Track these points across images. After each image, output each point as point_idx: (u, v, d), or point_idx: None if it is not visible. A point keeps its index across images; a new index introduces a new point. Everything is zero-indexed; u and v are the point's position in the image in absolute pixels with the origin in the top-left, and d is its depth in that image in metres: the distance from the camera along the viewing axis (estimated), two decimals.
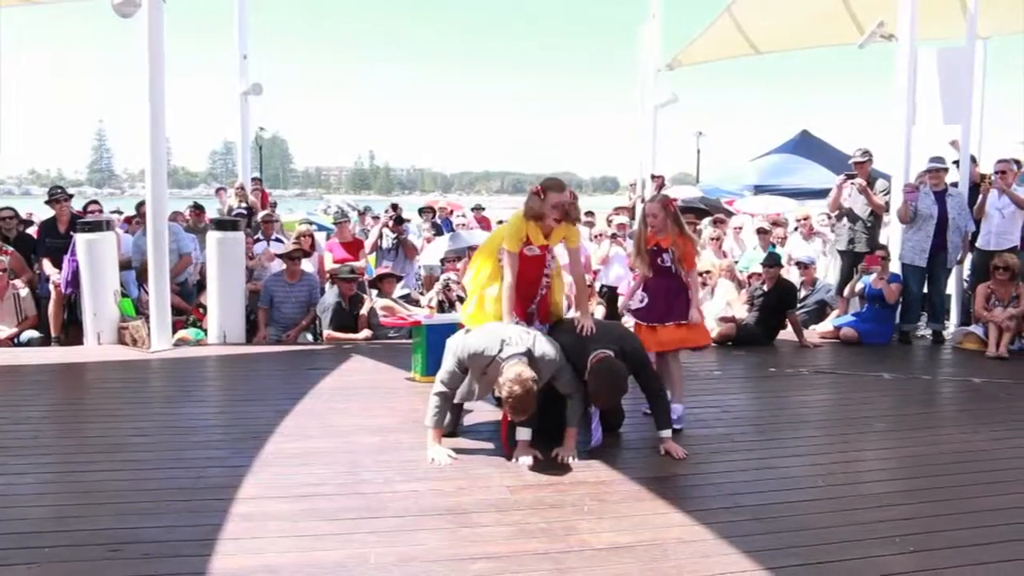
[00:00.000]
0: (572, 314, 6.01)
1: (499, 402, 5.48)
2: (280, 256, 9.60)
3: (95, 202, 10.19)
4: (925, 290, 9.35)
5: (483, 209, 18.37)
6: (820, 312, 10.15)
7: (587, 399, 5.17)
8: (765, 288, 9.02)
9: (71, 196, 9.74)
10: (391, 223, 11.38)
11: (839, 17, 12.42)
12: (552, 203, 5.22)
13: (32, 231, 10.41)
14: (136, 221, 10.51)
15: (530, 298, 5.47)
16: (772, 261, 9.18)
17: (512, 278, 5.30)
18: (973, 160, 10.26)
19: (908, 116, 9.45)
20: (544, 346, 4.94)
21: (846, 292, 9.77)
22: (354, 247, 10.73)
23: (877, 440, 5.61)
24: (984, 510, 4.26)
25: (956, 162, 9.95)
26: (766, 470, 4.89)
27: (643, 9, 14.40)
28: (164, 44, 8.07)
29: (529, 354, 4.83)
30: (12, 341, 8.58)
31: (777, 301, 8.93)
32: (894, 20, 9.65)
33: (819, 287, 10.17)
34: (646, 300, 5.73)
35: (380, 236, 11.34)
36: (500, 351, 4.84)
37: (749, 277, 9.89)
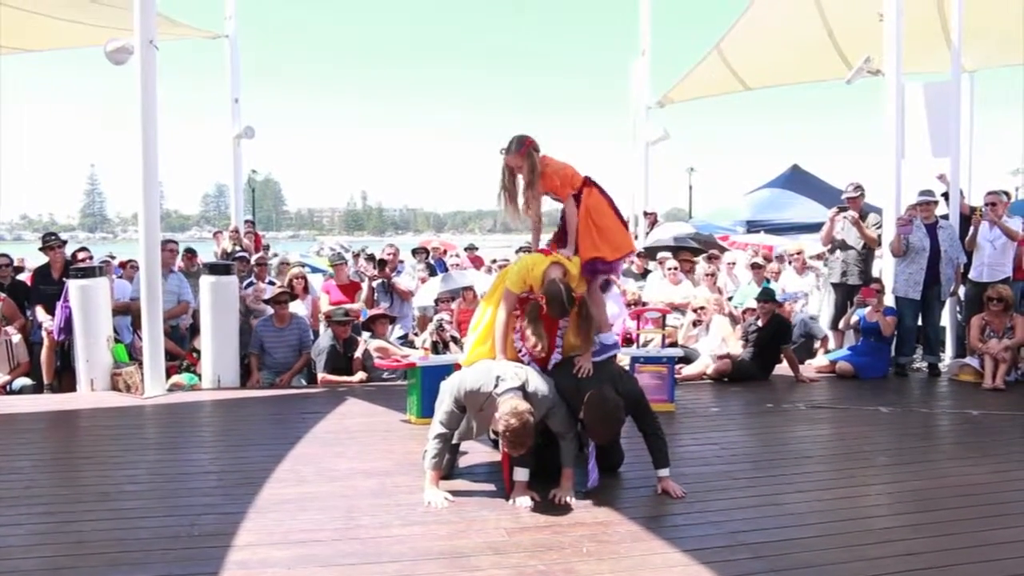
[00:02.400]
0: None
1: (496, 443, 5.45)
2: (267, 301, 9.57)
3: (84, 249, 10.17)
4: (919, 323, 9.36)
5: (476, 248, 18.42)
6: (807, 345, 10.13)
7: (583, 437, 5.16)
8: (760, 323, 9.01)
9: (65, 242, 9.74)
10: (374, 271, 11.33)
11: (826, 53, 12.61)
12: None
13: (24, 277, 10.40)
14: (131, 266, 10.53)
15: (551, 348, 5.32)
16: (767, 296, 9.17)
17: (506, 316, 5.29)
18: (960, 193, 10.34)
19: (897, 150, 9.55)
20: (538, 382, 4.94)
21: (841, 324, 9.79)
22: (351, 289, 10.70)
23: (877, 475, 5.58)
24: (988, 544, 4.23)
25: (945, 195, 10.02)
26: (766, 507, 4.85)
27: (633, 46, 14.63)
28: (156, 89, 8.13)
29: (523, 389, 4.83)
30: (4, 389, 8.52)
31: (772, 336, 8.91)
32: (880, 56, 9.78)
33: (797, 320, 10.07)
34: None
35: (372, 289, 11.21)
36: (495, 387, 4.85)
37: (743, 312, 9.88)
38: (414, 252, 15.44)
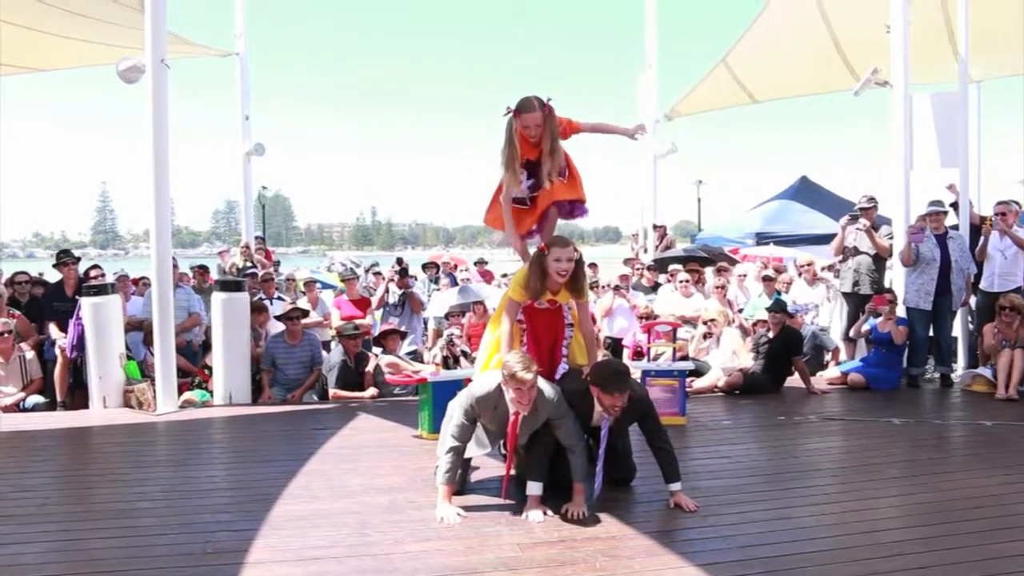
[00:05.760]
0: None
1: (505, 457, 5.46)
2: (278, 318, 9.60)
3: (97, 266, 10.22)
4: (931, 333, 9.33)
5: (486, 263, 18.41)
6: (817, 357, 10.09)
7: (592, 450, 5.16)
8: (770, 335, 8.99)
9: (79, 259, 9.78)
10: (396, 277, 11.40)
11: (834, 65, 12.60)
12: (554, 257, 5.23)
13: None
14: (143, 283, 10.61)
15: (556, 360, 5.43)
16: (778, 307, 9.15)
17: (510, 324, 5.32)
18: (969, 203, 10.34)
19: (905, 161, 9.53)
20: (545, 385, 4.97)
21: (852, 332, 9.77)
22: (362, 304, 10.75)
23: (890, 487, 5.55)
24: (1002, 556, 4.20)
25: (954, 204, 10.01)
26: (778, 520, 4.84)
27: (640, 60, 14.67)
28: (168, 107, 8.19)
29: None
30: (17, 407, 8.55)
31: (783, 348, 8.90)
32: (887, 67, 9.78)
33: (807, 332, 10.04)
34: (533, 184, 5.59)
35: (386, 291, 11.35)
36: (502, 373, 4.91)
37: (754, 325, 9.86)
38: (424, 267, 15.50)
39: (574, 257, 5.27)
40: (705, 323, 9.80)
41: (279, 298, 11.02)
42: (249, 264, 12.98)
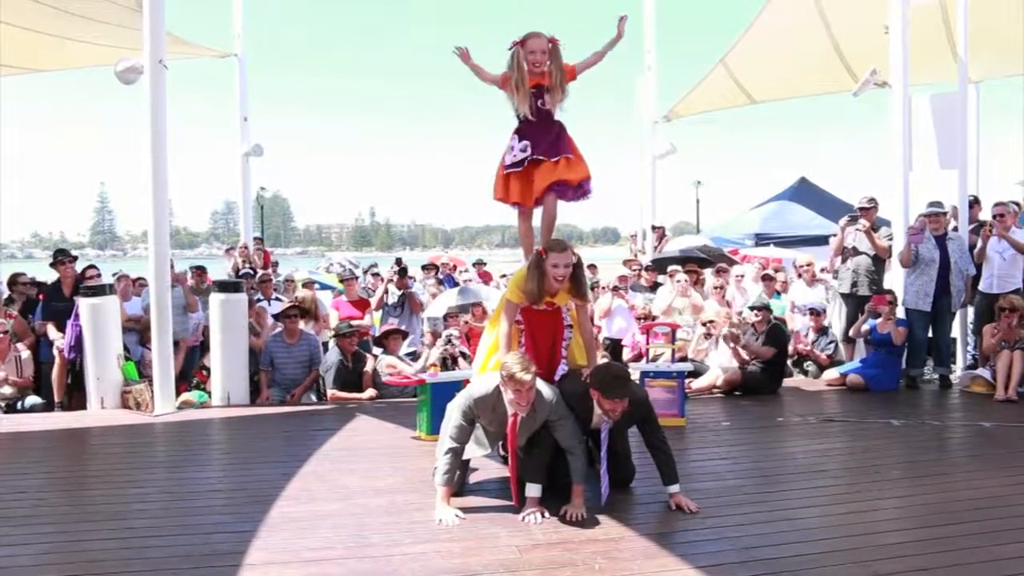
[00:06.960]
0: None
1: (505, 460, 5.44)
2: (276, 317, 9.58)
3: (93, 266, 10.17)
4: (930, 335, 9.32)
5: (485, 264, 18.38)
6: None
7: (592, 453, 5.14)
8: (759, 332, 9.04)
9: (75, 258, 9.75)
10: (396, 278, 11.38)
11: (833, 66, 12.60)
12: (552, 263, 5.21)
13: None
14: (140, 284, 10.58)
15: (555, 362, 5.43)
16: (759, 305, 9.37)
17: (509, 326, 5.30)
18: (977, 200, 10.33)
19: (905, 162, 9.52)
20: (544, 386, 4.96)
21: (852, 332, 9.75)
22: (361, 305, 10.73)
23: (890, 488, 5.54)
24: (1003, 558, 4.18)
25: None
26: (779, 522, 4.82)
27: (639, 62, 14.64)
28: (166, 108, 8.18)
29: None
30: (14, 408, 8.51)
31: (775, 340, 8.94)
32: (886, 68, 9.77)
33: (830, 335, 10.09)
34: (527, 146, 5.61)
35: (386, 292, 11.33)
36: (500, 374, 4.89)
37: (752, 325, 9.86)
38: (424, 268, 15.49)
39: (572, 262, 5.25)
40: (704, 324, 9.78)
41: (277, 299, 10.99)
42: (247, 265, 12.93)
